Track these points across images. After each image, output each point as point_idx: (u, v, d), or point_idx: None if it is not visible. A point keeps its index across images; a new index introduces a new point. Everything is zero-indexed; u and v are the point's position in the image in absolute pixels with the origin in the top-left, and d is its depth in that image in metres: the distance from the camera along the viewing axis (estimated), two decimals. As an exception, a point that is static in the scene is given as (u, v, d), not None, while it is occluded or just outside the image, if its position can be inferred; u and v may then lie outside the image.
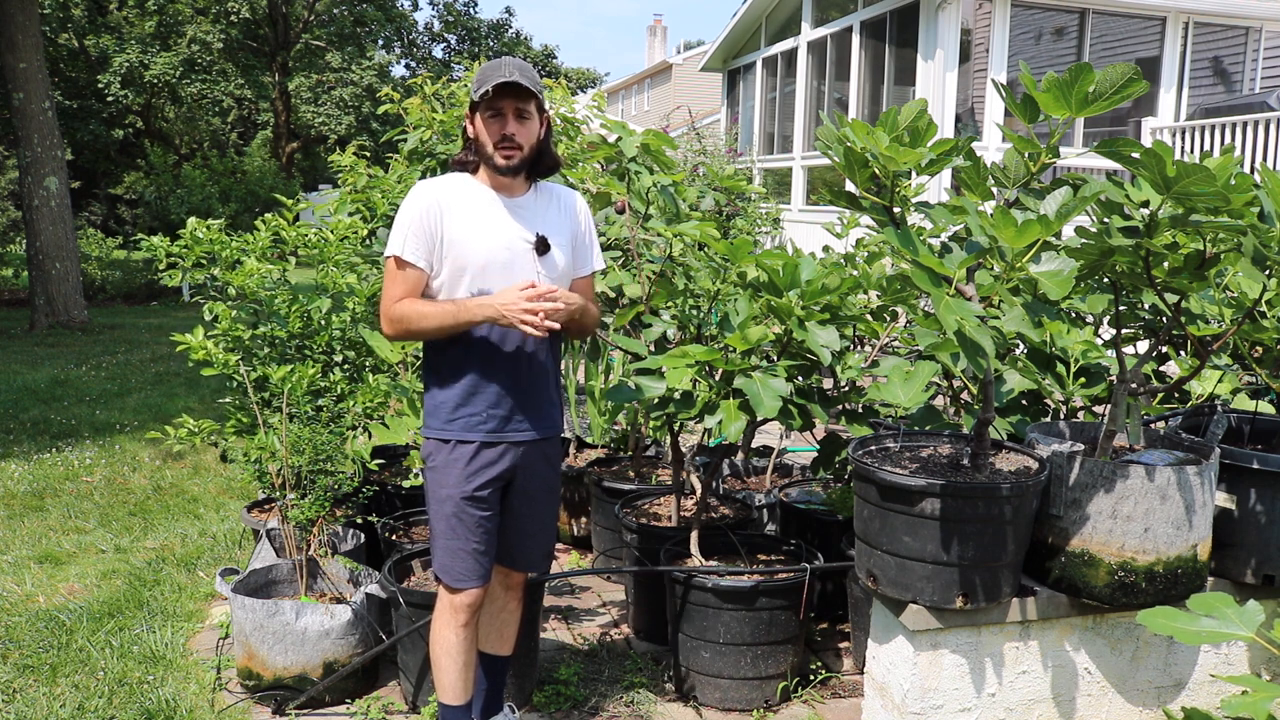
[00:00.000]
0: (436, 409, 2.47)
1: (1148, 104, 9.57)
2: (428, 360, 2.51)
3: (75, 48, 21.99)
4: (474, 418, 2.43)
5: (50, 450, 6.04)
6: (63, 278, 11.26)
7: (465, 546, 2.45)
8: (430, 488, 2.49)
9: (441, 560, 2.48)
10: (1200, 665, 2.66)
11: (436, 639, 2.54)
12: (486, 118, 2.37)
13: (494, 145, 2.37)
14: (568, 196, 2.57)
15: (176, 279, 3.55)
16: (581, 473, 4.35)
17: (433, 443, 2.48)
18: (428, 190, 2.41)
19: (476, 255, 2.38)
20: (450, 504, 2.45)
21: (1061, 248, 2.26)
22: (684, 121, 14.95)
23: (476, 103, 2.37)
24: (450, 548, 2.46)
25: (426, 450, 2.50)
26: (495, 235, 2.40)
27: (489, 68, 2.39)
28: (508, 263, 2.39)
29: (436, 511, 2.48)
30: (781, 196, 12.15)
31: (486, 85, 2.32)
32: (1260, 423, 2.88)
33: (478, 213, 2.40)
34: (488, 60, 2.57)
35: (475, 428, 2.43)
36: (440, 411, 2.46)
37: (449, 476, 2.44)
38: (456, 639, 2.51)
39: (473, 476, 2.44)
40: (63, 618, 3.61)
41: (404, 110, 4.44)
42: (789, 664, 3.03)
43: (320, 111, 26.06)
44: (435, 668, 2.55)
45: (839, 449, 3.14)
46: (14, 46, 10.77)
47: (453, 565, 2.47)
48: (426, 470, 2.50)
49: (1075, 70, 2.04)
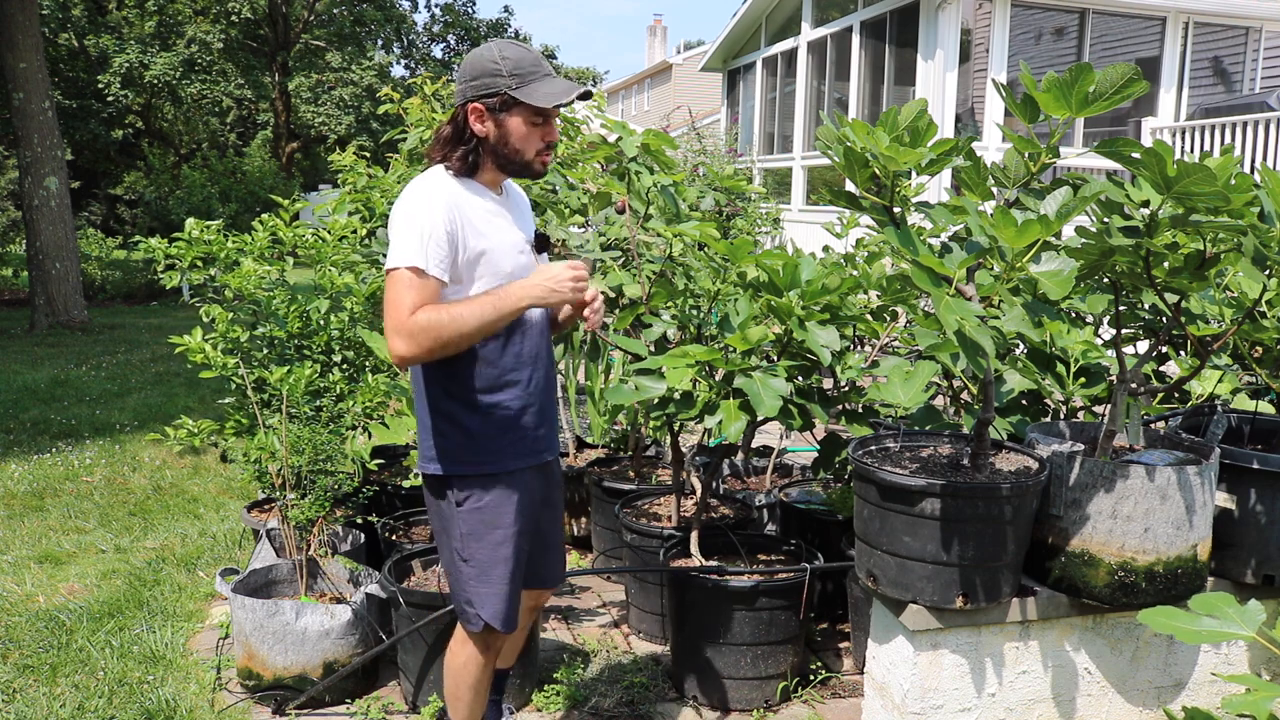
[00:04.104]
0: (471, 441, 2.19)
1: (1148, 104, 9.57)
2: (442, 386, 2.20)
3: (75, 48, 21.98)
4: (522, 443, 2.23)
5: (50, 450, 6.04)
6: (63, 278, 11.26)
7: (518, 588, 2.28)
8: (475, 530, 2.21)
9: (495, 608, 2.25)
10: (1200, 665, 2.66)
11: (462, 675, 2.38)
12: (533, 123, 2.15)
13: (536, 152, 2.18)
14: (519, 189, 2.44)
15: (174, 280, 3.55)
16: (581, 473, 4.35)
17: (477, 480, 2.20)
18: (443, 196, 2.12)
19: (504, 264, 2.20)
20: (508, 545, 2.22)
21: (1061, 248, 2.26)
22: (684, 121, 14.95)
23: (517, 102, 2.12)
24: (504, 593, 2.24)
25: (462, 492, 2.21)
26: (513, 241, 2.25)
27: (529, 60, 2.14)
28: (526, 267, 2.24)
29: (490, 556, 2.22)
30: (781, 196, 12.15)
31: (562, 98, 2.11)
32: (1260, 423, 2.88)
33: (491, 219, 2.21)
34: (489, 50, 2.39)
35: (522, 454, 2.23)
36: (477, 442, 2.20)
37: (504, 514, 2.21)
38: (483, 676, 2.38)
39: (526, 503, 2.24)
40: (63, 618, 3.61)
41: (404, 110, 4.44)
42: (789, 664, 3.03)
43: (320, 111, 26.05)
44: (454, 697, 2.41)
45: (839, 449, 3.14)
46: (14, 46, 10.77)
47: (506, 610, 2.25)
48: (463, 512, 2.22)
49: (1075, 70, 2.04)
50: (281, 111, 26.28)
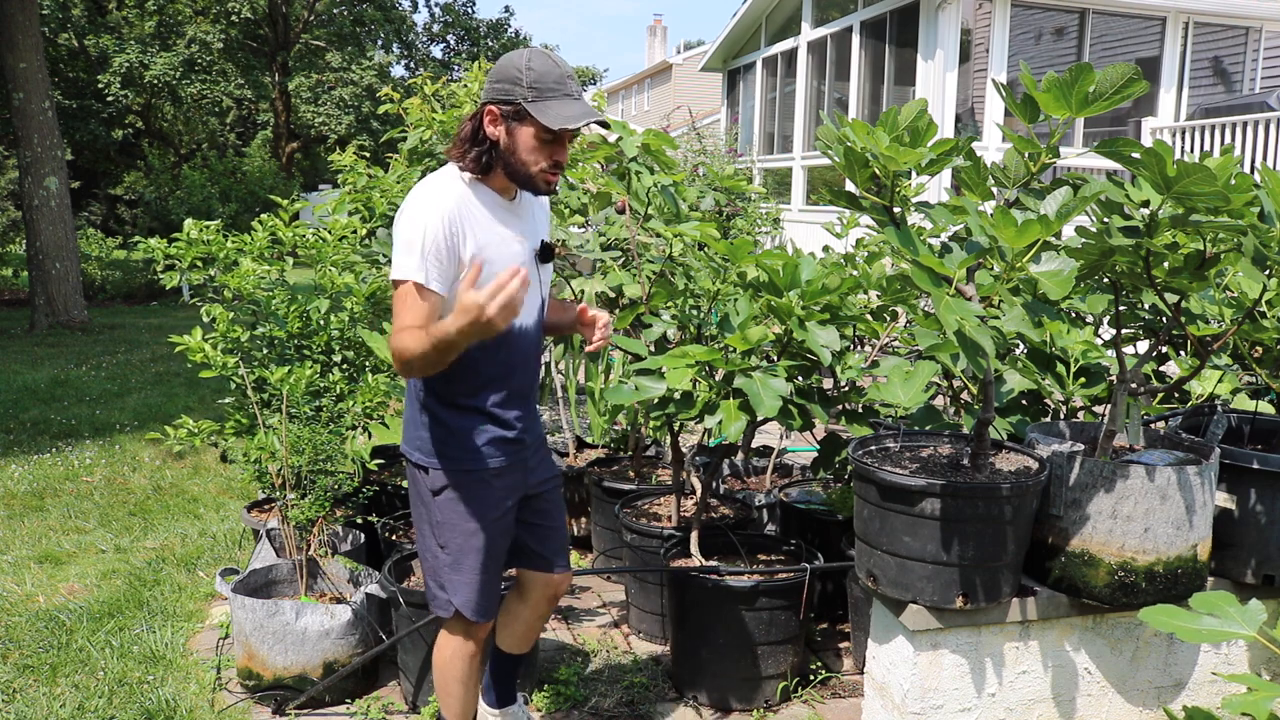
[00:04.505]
0: (451, 437, 2.26)
1: (1148, 104, 9.57)
2: (429, 382, 2.26)
3: (75, 48, 21.99)
4: (501, 443, 2.28)
5: (50, 450, 6.04)
6: (63, 278, 11.26)
7: (494, 579, 2.33)
8: (450, 520, 2.28)
9: (467, 596, 2.31)
10: (1200, 665, 2.66)
11: (449, 669, 2.42)
12: (543, 139, 2.13)
13: (541, 169, 2.16)
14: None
15: (174, 280, 3.55)
16: (581, 473, 4.35)
17: (455, 474, 2.26)
18: (445, 206, 2.12)
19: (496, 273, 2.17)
20: (480, 537, 2.28)
21: (1061, 248, 2.26)
22: (684, 121, 14.95)
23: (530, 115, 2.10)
24: (480, 582, 2.30)
25: (440, 482, 2.27)
26: (512, 249, 2.24)
27: (552, 76, 2.11)
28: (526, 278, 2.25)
29: (463, 545, 2.28)
30: (781, 196, 12.15)
31: (572, 122, 2.08)
32: (1260, 423, 2.88)
33: (494, 228, 2.21)
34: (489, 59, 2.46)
35: (501, 453, 2.28)
36: (458, 440, 2.26)
37: (480, 506, 2.27)
38: (469, 669, 2.41)
39: (500, 500, 2.30)
40: (63, 618, 3.61)
41: (404, 110, 4.44)
42: (789, 664, 3.03)
43: (320, 111, 26.06)
44: (444, 692, 2.46)
45: (839, 449, 3.14)
46: (14, 46, 10.77)
47: (482, 601, 2.32)
48: (439, 501, 2.28)
49: (1075, 70, 2.04)
50: (281, 111, 26.28)
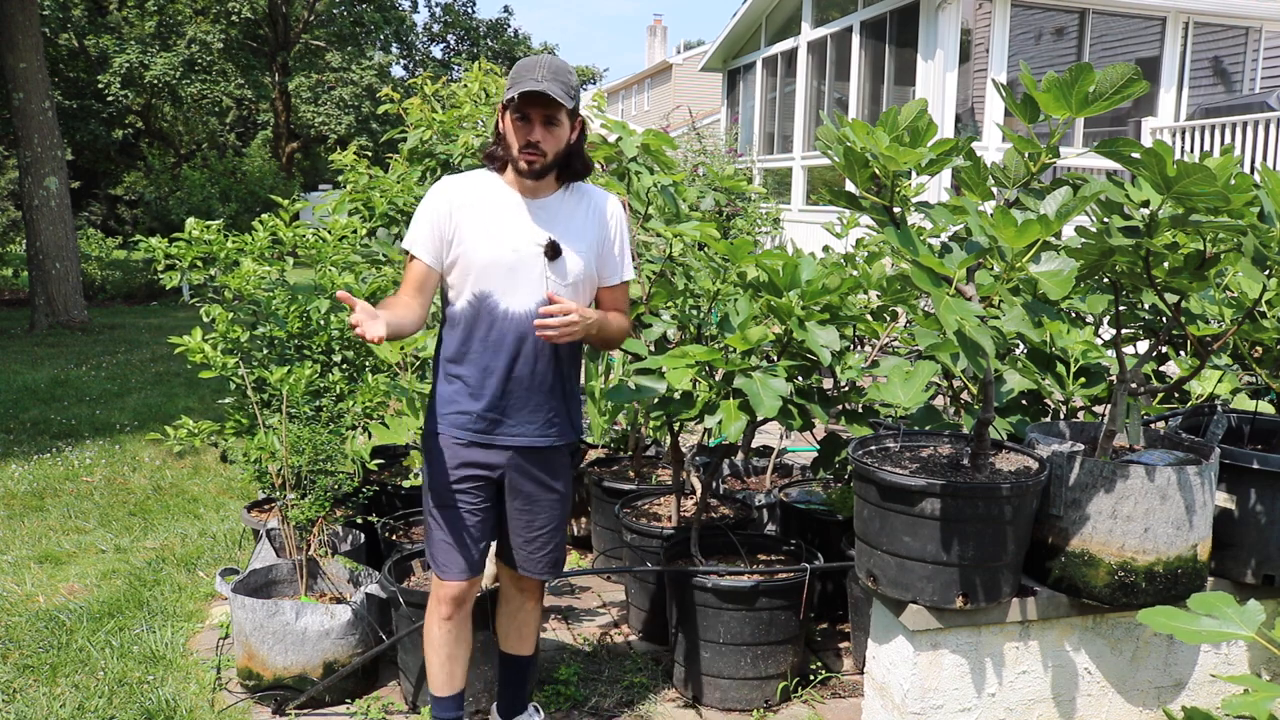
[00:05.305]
0: (435, 400, 2.52)
1: (1148, 104, 9.57)
2: (436, 356, 2.55)
3: (75, 48, 21.99)
4: (464, 416, 2.46)
5: (50, 450, 6.04)
6: (63, 278, 11.26)
7: (446, 538, 2.51)
8: (423, 480, 2.57)
9: (429, 550, 2.57)
10: (1200, 665, 2.66)
11: (425, 630, 2.61)
12: (515, 120, 2.34)
13: (519, 149, 2.35)
14: (600, 200, 2.50)
15: (174, 280, 3.55)
16: (581, 473, 4.34)
17: (429, 436, 2.53)
18: (447, 188, 2.44)
19: (479, 256, 2.37)
20: (434, 496, 2.51)
21: (1061, 248, 2.26)
22: (684, 121, 14.95)
23: (509, 102, 2.32)
24: (434, 539, 2.53)
25: (425, 441, 2.56)
26: (504, 237, 2.38)
27: (523, 67, 2.33)
28: (513, 265, 2.37)
29: (426, 503, 2.56)
30: (781, 196, 12.15)
31: (514, 90, 2.28)
32: (1260, 423, 2.88)
33: (492, 213, 2.39)
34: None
35: (465, 426, 2.46)
36: (438, 406, 2.50)
37: (437, 468, 2.50)
38: (439, 632, 2.57)
39: (457, 469, 2.48)
40: (63, 618, 3.61)
41: (404, 110, 4.44)
42: (789, 664, 3.03)
43: (320, 111, 26.07)
44: (426, 662, 2.62)
45: (839, 449, 3.14)
46: (14, 46, 10.77)
47: (436, 555, 2.54)
48: (426, 463, 2.56)
49: (1075, 70, 2.04)
50: (281, 111, 26.29)
